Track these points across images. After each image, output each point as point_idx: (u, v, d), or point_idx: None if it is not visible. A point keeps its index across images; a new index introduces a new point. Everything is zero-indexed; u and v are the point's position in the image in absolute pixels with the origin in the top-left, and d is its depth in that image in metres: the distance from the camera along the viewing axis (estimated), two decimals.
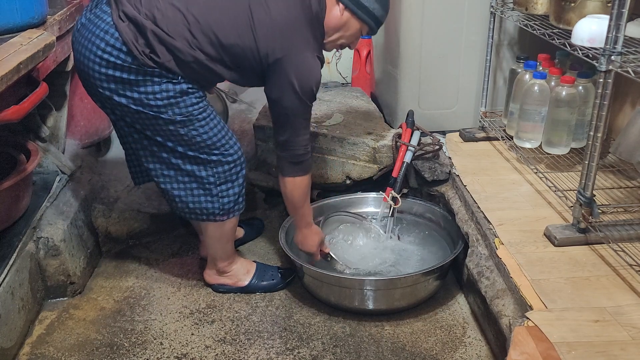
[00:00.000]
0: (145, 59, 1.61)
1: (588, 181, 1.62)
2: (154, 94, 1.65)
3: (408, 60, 2.36)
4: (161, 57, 1.62)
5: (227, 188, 1.84)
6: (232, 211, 1.89)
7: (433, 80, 2.39)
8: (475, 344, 1.78)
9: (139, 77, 1.64)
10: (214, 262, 2.03)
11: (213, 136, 1.76)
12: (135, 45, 1.60)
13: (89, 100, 2.52)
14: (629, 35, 1.63)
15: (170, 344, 1.83)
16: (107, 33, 1.61)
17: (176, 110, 1.68)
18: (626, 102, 2.11)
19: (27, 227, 1.92)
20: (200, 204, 1.84)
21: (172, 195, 1.85)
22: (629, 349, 1.32)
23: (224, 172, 1.82)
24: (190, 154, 1.76)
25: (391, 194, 2.17)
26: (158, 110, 1.67)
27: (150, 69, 1.63)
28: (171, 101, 1.67)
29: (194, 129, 1.72)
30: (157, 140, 1.74)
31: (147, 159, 1.81)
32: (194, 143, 1.74)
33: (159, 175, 1.83)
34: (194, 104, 1.71)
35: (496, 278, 1.66)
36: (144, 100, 1.66)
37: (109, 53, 1.61)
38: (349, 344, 1.81)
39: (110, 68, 1.63)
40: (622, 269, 1.58)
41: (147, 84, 1.65)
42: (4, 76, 1.53)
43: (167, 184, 1.83)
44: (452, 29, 2.31)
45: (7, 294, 1.72)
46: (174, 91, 1.66)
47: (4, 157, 1.97)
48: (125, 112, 1.71)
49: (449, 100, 2.44)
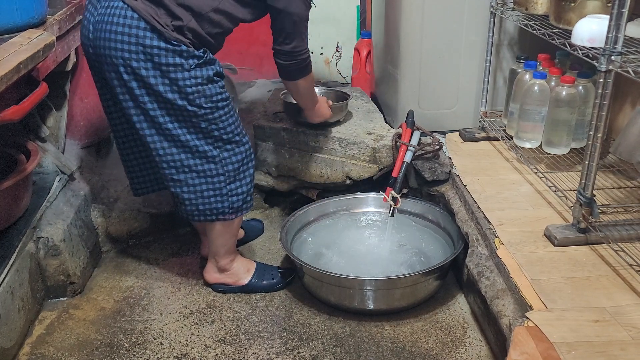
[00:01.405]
0: (169, 31, 1.63)
1: (588, 181, 1.62)
2: (184, 80, 1.68)
3: (408, 60, 2.36)
4: (183, 19, 1.65)
5: (236, 187, 1.86)
6: (241, 209, 1.91)
7: (433, 80, 2.39)
8: (475, 344, 1.78)
9: (169, 60, 1.65)
10: (216, 259, 2.03)
11: (230, 132, 1.80)
12: (157, 20, 1.63)
13: (89, 100, 2.53)
14: (629, 35, 1.63)
15: (170, 344, 1.83)
16: (126, 17, 1.63)
17: (203, 99, 1.71)
18: (626, 102, 2.11)
19: (27, 227, 1.92)
20: (210, 205, 1.86)
21: (183, 199, 1.86)
22: (629, 349, 1.32)
23: (234, 170, 1.84)
24: (204, 149, 1.78)
25: (391, 194, 2.17)
26: (186, 98, 1.70)
27: (177, 46, 1.64)
28: (199, 89, 1.70)
29: (214, 121, 1.76)
30: (175, 135, 1.75)
31: (161, 163, 1.81)
32: (211, 136, 1.77)
33: (168, 180, 1.84)
34: (219, 94, 1.74)
35: (496, 278, 1.66)
36: (174, 87, 1.68)
37: (135, 35, 1.63)
38: (349, 344, 1.81)
39: (141, 53, 1.64)
40: (622, 269, 1.58)
41: (178, 70, 1.67)
42: (4, 76, 1.53)
43: (178, 187, 1.84)
44: (452, 29, 2.31)
45: (7, 294, 1.72)
46: (202, 77, 1.70)
47: (4, 157, 1.97)
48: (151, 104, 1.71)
49: (449, 100, 2.44)
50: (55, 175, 2.20)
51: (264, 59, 3.11)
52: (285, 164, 2.44)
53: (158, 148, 1.78)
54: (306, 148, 2.39)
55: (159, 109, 1.72)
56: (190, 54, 1.67)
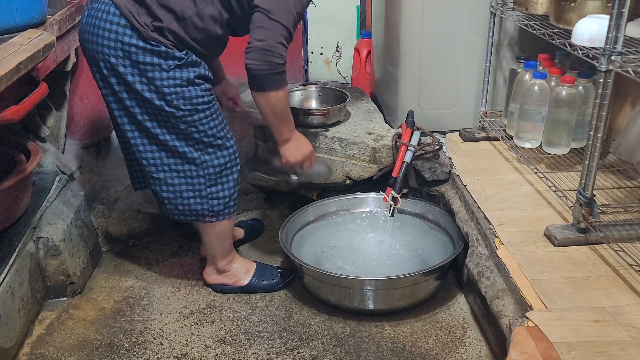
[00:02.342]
0: (148, 31, 1.63)
1: (588, 181, 1.62)
2: (162, 80, 1.67)
3: (408, 60, 2.36)
4: (164, 21, 1.64)
5: (217, 190, 1.85)
6: (222, 214, 1.90)
7: (433, 80, 2.39)
8: (475, 344, 1.78)
9: (146, 59, 1.65)
10: (214, 260, 2.03)
11: (211, 135, 1.77)
12: (137, 18, 1.62)
13: (89, 100, 2.53)
14: (629, 35, 1.63)
15: (170, 344, 1.83)
16: (109, 13, 1.64)
17: (181, 100, 1.70)
18: (626, 102, 2.11)
19: (27, 227, 1.92)
20: (189, 206, 1.86)
21: (162, 198, 1.87)
22: (629, 349, 1.32)
23: (215, 174, 1.82)
24: (184, 151, 1.77)
25: (391, 194, 2.17)
26: (164, 99, 1.69)
27: (156, 46, 1.64)
28: (177, 90, 1.68)
29: (194, 124, 1.74)
30: (154, 134, 1.75)
31: (141, 160, 1.82)
32: (191, 138, 1.76)
33: (148, 178, 1.86)
34: (199, 96, 1.72)
35: (496, 278, 1.66)
36: (152, 87, 1.68)
37: (115, 32, 1.63)
38: (349, 344, 1.81)
39: (119, 50, 1.64)
40: (622, 269, 1.58)
41: (155, 70, 1.66)
42: (4, 76, 1.53)
43: (157, 185, 1.85)
44: (452, 29, 2.31)
45: (7, 294, 1.72)
46: (181, 79, 1.68)
47: (4, 157, 1.97)
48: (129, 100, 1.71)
49: (449, 100, 2.44)
50: (55, 175, 2.20)
51: None
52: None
53: (138, 144, 1.78)
54: None
55: (138, 107, 1.72)
56: (170, 54, 1.66)
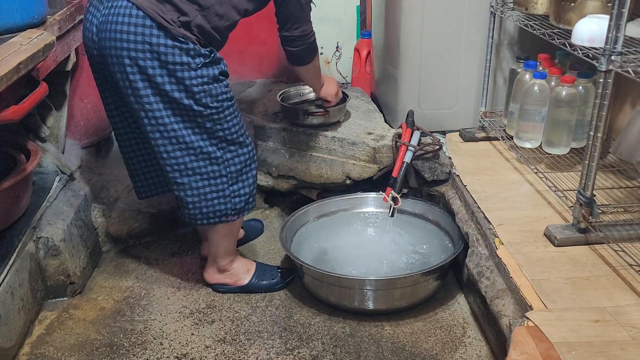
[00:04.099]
0: (175, 27, 1.63)
1: (588, 181, 1.62)
2: (191, 79, 1.67)
3: (408, 60, 2.36)
4: (190, 14, 1.64)
5: (238, 188, 1.86)
6: (243, 210, 1.91)
7: (433, 80, 2.39)
8: (475, 344, 1.78)
9: (176, 59, 1.64)
10: (215, 260, 2.03)
11: (234, 132, 1.79)
12: (163, 17, 1.62)
13: (89, 100, 2.53)
14: (629, 35, 1.63)
15: (170, 344, 1.83)
16: (131, 16, 1.61)
17: (209, 98, 1.71)
18: (626, 102, 2.11)
19: (27, 227, 1.91)
20: (213, 207, 1.85)
21: (186, 203, 1.85)
22: (629, 349, 1.32)
23: (236, 172, 1.84)
24: (208, 150, 1.77)
25: (391, 194, 2.17)
26: (193, 98, 1.69)
27: (185, 43, 1.63)
28: (205, 88, 1.69)
29: (219, 121, 1.75)
30: (180, 136, 1.74)
31: (165, 166, 1.80)
32: (215, 137, 1.77)
33: (172, 184, 1.83)
34: (224, 92, 1.74)
35: (496, 278, 1.66)
36: (181, 87, 1.67)
37: (142, 34, 1.61)
38: (349, 344, 1.81)
39: (148, 52, 1.63)
40: (622, 269, 1.58)
41: (185, 69, 1.66)
42: (4, 76, 1.53)
43: (181, 191, 1.83)
44: (452, 29, 2.31)
45: (7, 294, 1.72)
46: (208, 77, 1.69)
47: (4, 157, 1.97)
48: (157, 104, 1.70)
49: (449, 100, 2.44)
50: (55, 175, 2.20)
51: (263, 58, 3.10)
52: (285, 164, 2.44)
53: (162, 151, 1.77)
54: (306, 148, 2.39)
55: (164, 109, 1.71)
56: (197, 52, 1.67)
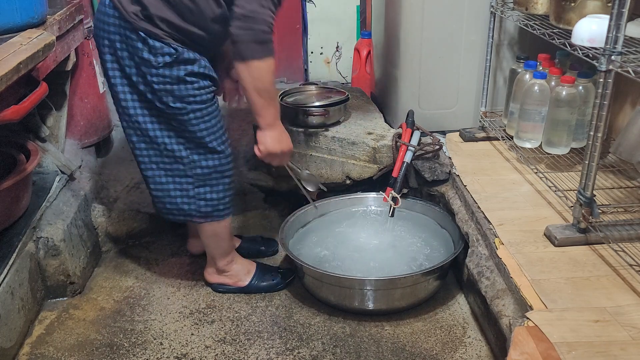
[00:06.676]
0: (137, 20, 1.62)
1: (588, 181, 1.62)
2: (151, 76, 1.67)
3: (408, 60, 2.36)
4: (150, 8, 1.61)
5: (205, 192, 1.85)
6: (211, 216, 1.89)
7: (433, 80, 2.39)
8: (475, 344, 1.78)
9: (140, 53, 1.65)
10: (213, 260, 2.03)
11: (205, 136, 1.77)
12: (125, 8, 1.62)
13: (89, 100, 2.53)
14: (629, 35, 1.63)
15: (170, 344, 1.83)
16: (105, 5, 1.66)
17: (170, 98, 1.70)
18: (626, 102, 2.11)
19: (27, 227, 1.91)
20: (177, 205, 1.87)
21: (152, 195, 1.90)
22: (629, 349, 1.32)
23: (203, 175, 1.82)
24: (173, 148, 1.77)
25: (391, 194, 2.17)
26: (155, 94, 1.70)
27: (149, 37, 1.63)
28: (167, 87, 1.69)
29: (184, 123, 1.74)
30: (145, 129, 1.76)
31: (135, 157, 1.85)
32: (182, 136, 1.77)
33: (141, 175, 1.89)
34: (192, 95, 1.71)
35: (496, 278, 1.66)
36: (145, 81, 1.68)
37: (114, 24, 1.65)
38: (349, 344, 1.81)
39: (121, 42, 1.66)
40: (622, 269, 1.58)
41: (146, 65, 1.66)
42: (4, 76, 1.53)
43: (147, 183, 1.88)
44: (452, 29, 2.31)
45: (7, 294, 1.72)
46: (170, 77, 1.68)
47: (4, 157, 1.97)
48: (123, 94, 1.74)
49: (449, 100, 2.44)
50: (55, 175, 2.20)
51: None
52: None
53: (129, 141, 1.82)
54: (306, 148, 2.39)
55: (131, 101, 1.74)
56: (159, 50, 1.64)
